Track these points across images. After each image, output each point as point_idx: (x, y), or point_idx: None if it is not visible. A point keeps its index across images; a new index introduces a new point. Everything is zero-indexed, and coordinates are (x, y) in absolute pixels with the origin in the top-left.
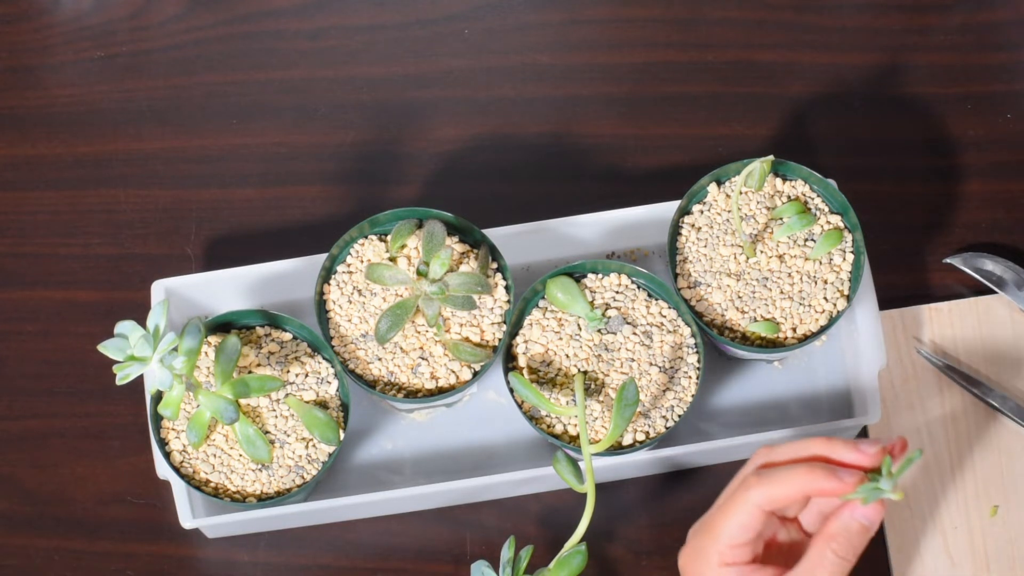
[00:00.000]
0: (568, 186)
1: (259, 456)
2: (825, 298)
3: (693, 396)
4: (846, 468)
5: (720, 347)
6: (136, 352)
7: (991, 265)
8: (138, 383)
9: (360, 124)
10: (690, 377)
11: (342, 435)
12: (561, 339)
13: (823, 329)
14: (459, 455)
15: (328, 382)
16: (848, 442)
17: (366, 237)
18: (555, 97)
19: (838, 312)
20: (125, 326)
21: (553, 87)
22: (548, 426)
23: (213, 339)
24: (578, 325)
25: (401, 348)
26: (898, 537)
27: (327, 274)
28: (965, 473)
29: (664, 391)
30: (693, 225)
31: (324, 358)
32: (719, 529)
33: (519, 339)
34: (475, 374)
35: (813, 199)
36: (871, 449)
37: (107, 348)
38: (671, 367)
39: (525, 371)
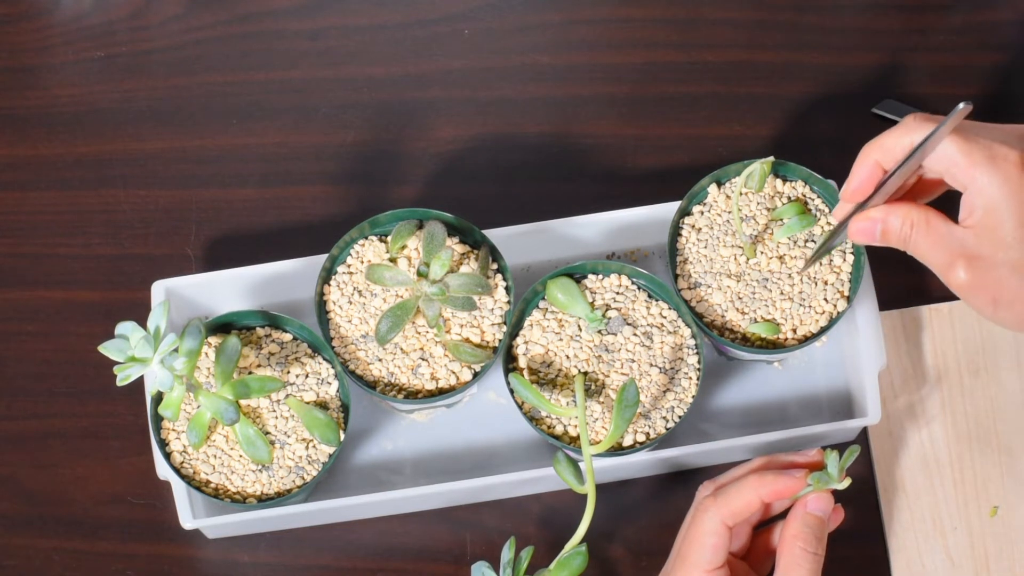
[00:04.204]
0: (568, 186)
1: (259, 457)
2: (825, 299)
3: (693, 397)
4: (792, 467)
5: (720, 348)
6: (137, 353)
7: None
8: (138, 384)
9: (360, 124)
10: (690, 378)
11: (342, 436)
12: (561, 340)
13: (823, 330)
14: (459, 456)
15: (328, 383)
16: (786, 453)
17: (366, 238)
18: (555, 97)
19: (838, 313)
20: (126, 327)
21: (553, 87)
22: (548, 427)
23: (213, 340)
24: (578, 326)
25: (401, 349)
26: (898, 537)
27: (327, 275)
28: (965, 473)
29: (664, 392)
30: (693, 226)
31: (324, 359)
32: (694, 557)
33: (519, 340)
34: (475, 375)
35: (813, 200)
36: (810, 451)
37: (107, 349)
38: (671, 368)
39: (525, 372)
